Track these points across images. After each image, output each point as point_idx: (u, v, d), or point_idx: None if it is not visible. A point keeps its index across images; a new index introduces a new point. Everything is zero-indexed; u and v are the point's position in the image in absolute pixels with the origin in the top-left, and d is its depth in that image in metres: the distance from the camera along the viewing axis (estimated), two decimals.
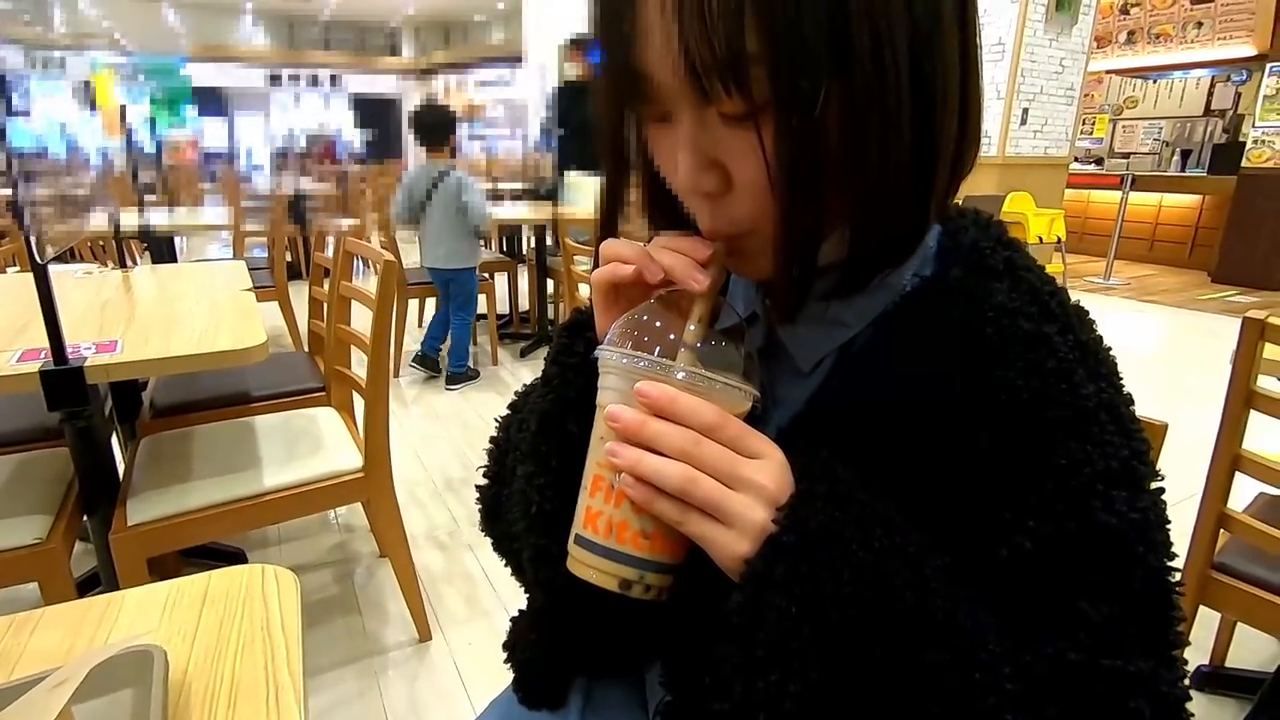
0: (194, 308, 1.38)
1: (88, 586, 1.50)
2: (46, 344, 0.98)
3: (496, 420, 0.56)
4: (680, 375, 0.35)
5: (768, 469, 0.34)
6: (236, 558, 1.81)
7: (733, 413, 0.35)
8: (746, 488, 0.34)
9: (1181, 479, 0.38)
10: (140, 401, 1.71)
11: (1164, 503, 0.38)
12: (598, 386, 0.38)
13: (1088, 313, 0.41)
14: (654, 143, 0.39)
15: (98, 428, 1.19)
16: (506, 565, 0.53)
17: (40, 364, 0.99)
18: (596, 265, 0.42)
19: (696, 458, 0.33)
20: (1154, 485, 0.38)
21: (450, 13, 14.14)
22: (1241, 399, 1.03)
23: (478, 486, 0.55)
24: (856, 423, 0.39)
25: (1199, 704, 1.37)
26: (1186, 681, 0.36)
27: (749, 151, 0.34)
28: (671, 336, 0.37)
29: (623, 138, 0.40)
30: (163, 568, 1.48)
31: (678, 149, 0.36)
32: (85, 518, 1.22)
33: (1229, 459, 1.06)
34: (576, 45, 4.31)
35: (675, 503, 0.34)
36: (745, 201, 0.36)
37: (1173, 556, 0.37)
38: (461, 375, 3.18)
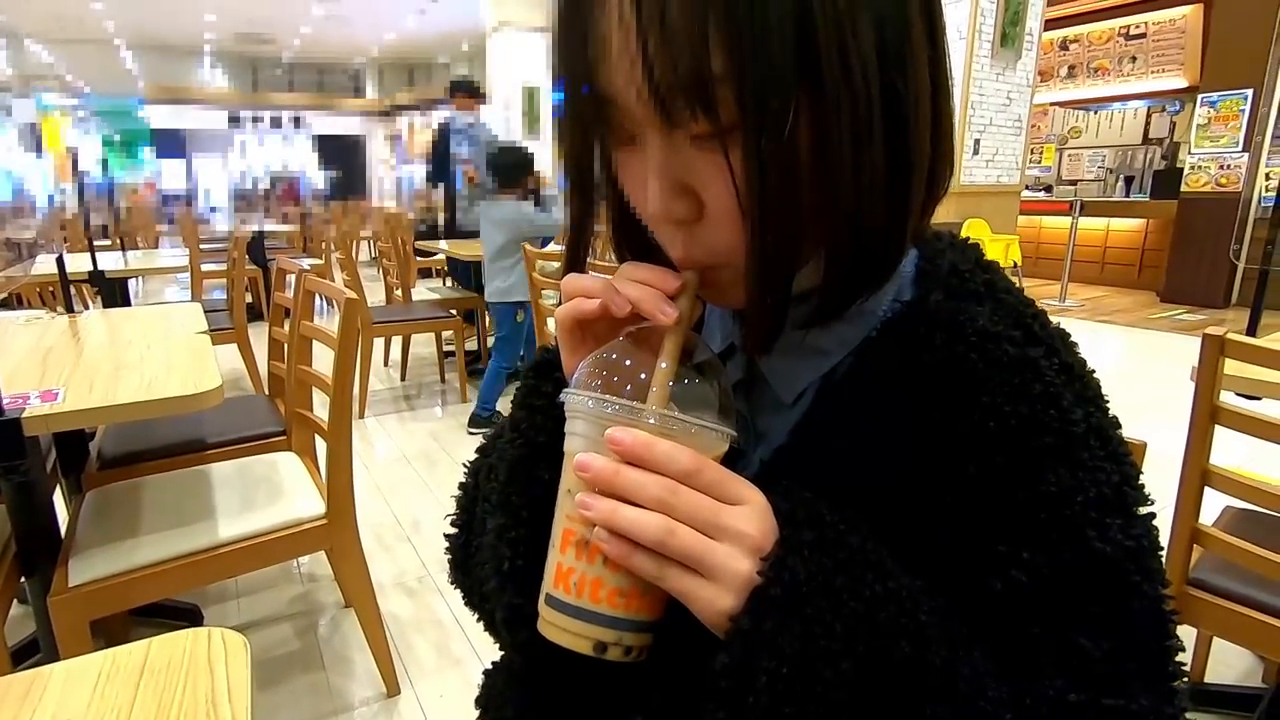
0: (145, 353, 1.32)
1: (26, 654, 1.40)
2: None
3: (465, 465, 0.53)
4: (652, 420, 0.32)
5: (750, 515, 0.32)
6: (192, 615, 1.71)
7: (710, 455, 0.33)
8: (728, 537, 0.31)
9: (1152, 495, 0.38)
10: (87, 452, 1.63)
11: (1156, 529, 0.37)
12: (565, 433, 0.36)
13: (1069, 335, 0.40)
14: (622, 169, 0.38)
15: (38, 482, 1.12)
16: (479, 621, 0.50)
17: None
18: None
19: (674, 507, 0.31)
20: (1144, 511, 0.36)
21: (414, 53, 14.25)
22: (1207, 414, 1.05)
23: (446, 535, 0.52)
24: (841, 453, 0.38)
25: None
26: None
27: (721, 175, 0.32)
28: (642, 376, 0.35)
29: (589, 166, 0.38)
30: (110, 630, 1.39)
31: (646, 175, 0.34)
32: (23, 579, 1.15)
33: (1198, 474, 1.08)
34: (458, 89, 4.15)
35: (653, 557, 0.31)
36: (719, 228, 0.34)
37: (1167, 584, 0.36)
38: (486, 420, 2.91)
